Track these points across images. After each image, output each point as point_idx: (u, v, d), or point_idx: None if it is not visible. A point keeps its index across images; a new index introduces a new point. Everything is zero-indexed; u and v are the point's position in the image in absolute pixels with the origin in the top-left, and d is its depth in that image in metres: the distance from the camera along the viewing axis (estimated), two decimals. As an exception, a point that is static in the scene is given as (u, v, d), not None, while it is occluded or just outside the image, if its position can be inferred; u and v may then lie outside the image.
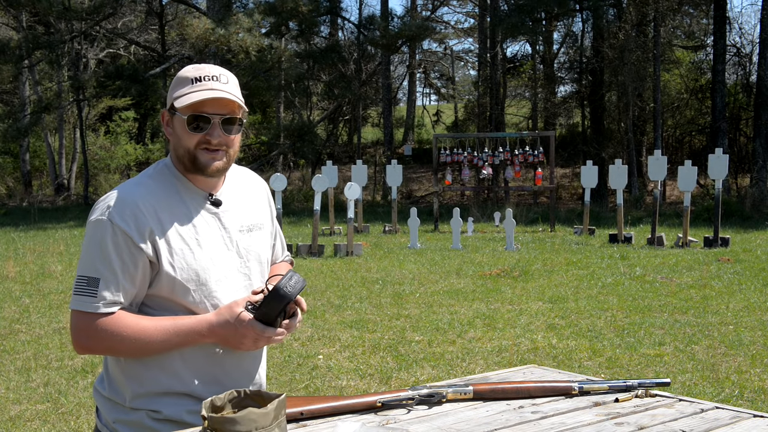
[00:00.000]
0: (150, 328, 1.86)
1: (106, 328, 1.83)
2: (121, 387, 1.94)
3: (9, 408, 4.57)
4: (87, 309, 1.84)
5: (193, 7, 24.96)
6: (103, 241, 1.84)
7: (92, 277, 1.84)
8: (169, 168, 1.99)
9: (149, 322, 1.87)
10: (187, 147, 1.92)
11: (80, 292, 1.85)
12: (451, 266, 10.19)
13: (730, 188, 21.50)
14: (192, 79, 1.92)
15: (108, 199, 1.89)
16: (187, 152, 1.92)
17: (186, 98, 1.89)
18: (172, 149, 1.98)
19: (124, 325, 1.84)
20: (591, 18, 23.92)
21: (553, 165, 16.36)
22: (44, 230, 16.22)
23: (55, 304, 7.84)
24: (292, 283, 1.83)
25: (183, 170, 1.97)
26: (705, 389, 4.68)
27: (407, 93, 36.98)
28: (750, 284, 8.39)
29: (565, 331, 6.35)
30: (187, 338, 1.87)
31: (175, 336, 1.86)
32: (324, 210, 15.04)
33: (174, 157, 1.98)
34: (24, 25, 25.99)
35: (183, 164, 1.95)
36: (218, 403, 1.53)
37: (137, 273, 1.87)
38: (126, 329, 1.84)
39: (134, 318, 1.87)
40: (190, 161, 1.93)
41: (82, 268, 1.86)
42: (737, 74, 25.95)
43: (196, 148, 1.91)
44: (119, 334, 1.84)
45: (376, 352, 5.74)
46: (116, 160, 28.94)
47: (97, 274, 1.83)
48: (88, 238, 1.88)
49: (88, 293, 1.83)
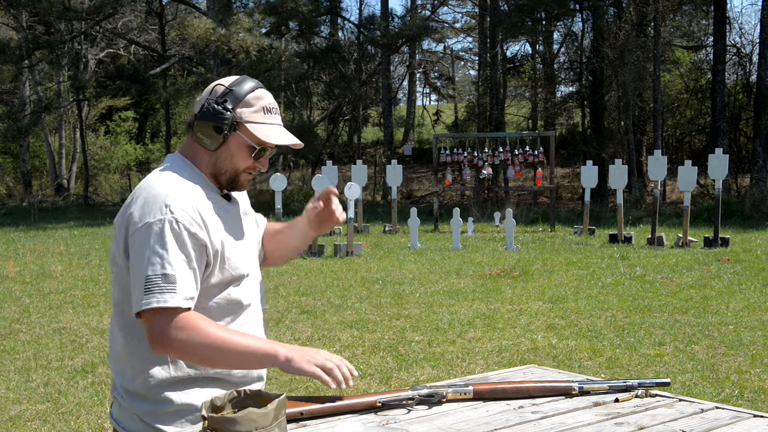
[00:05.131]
0: (230, 335, 1.86)
1: (190, 324, 1.83)
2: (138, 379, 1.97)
3: (9, 408, 4.57)
4: (169, 304, 1.81)
5: (193, 7, 24.95)
6: (171, 240, 1.84)
7: (167, 273, 1.82)
8: (187, 164, 2.01)
9: (227, 330, 1.88)
10: (237, 167, 1.99)
11: (157, 291, 1.81)
12: (451, 266, 10.19)
13: (730, 188, 21.49)
14: (264, 108, 1.98)
15: (159, 198, 1.88)
16: (234, 171, 1.99)
17: (265, 133, 1.96)
18: (206, 154, 2.00)
19: (206, 325, 1.85)
20: (591, 18, 23.92)
21: (553, 165, 16.36)
22: (44, 230, 16.22)
23: (55, 304, 7.84)
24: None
25: (207, 174, 2.01)
26: (705, 389, 4.68)
27: (407, 93, 36.98)
28: (750, 284, 8.39)
29: (565, 331, 6.35)
30: (265, 351, 1.85)
31: (254, 347, 1.86)
32: (324, 210, 15.01)
33: (202, 160, 2.00)
34: (24, 25, 25.98)
35: (216, 175, 2.00)
36: (218, 403, 1.53)
37: (201, 268, 1.90)
38: (208, 329, 1.84)
39: (212, 322, 1.88)
40: (229, 178, 2.00)
41: (151, 268, 1.82)
42: (737, 74, 25.95)
43: (244, 170, 2.00)
44: (203, 332, 1.83)
45: (376, 352, 5.74)
46: (116, 160, 28.95)
47: (172, 271, 1.82)
48: (150, 239, 1.84)
49: (167, 290, 1.81)
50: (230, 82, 1.99)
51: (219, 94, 1.97)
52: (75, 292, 8.50)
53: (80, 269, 10.26)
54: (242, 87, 1.98)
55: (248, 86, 1.98)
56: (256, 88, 2.00)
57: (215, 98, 1.96)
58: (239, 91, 1.97)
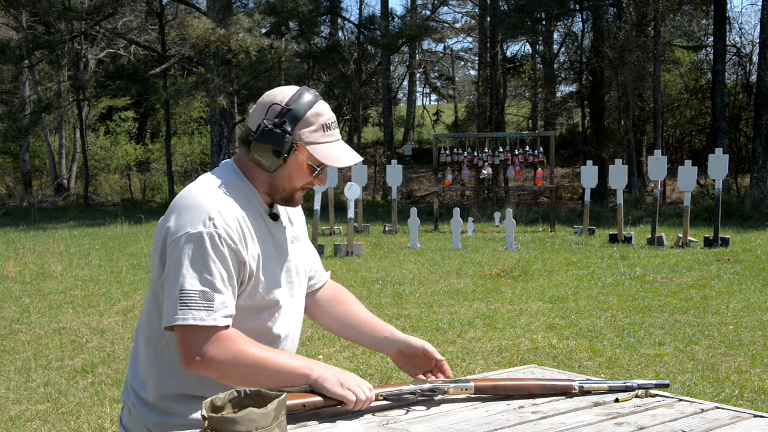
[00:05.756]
0: (264, 353, 1.82)
1: (227, 343, 1.79)
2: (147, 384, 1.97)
3: (9, 408, 4.57)
4: (206, 323, 1.76)
5: (193, 7, 24.95)
6: (212, 254, 1.79)
7: (205, 290, 1.77)
8: (239, 175, 1.95)
9: (261, 347, 1.83)
10: (295, 186, 1.94)
11: (194, 307, 1.76)
12: (451, 266, 10.19)
13: (730, 188, 21.50)
14: (324, 125, 1.91)
15: (203, 209, 1.82)
16: (291, 189, 1.94)
17: (327, 154, 1.90)
18: (260, 172, 1.94)
19: (241, 343, 1.80)
20: (591, 18, 23.92)
21: (553, 165, 16.36)
22: (44, 230, 16.22)
23: (55, 304, 7.84)
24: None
25: (261, 191, 1.95)
26: (705, 389, 4.68)
27: (407, 93, 36.99)
28: (750, 284, 8.39)
29: (565, 331, 6.35)
30: (298, 368, 1.81)
31: (288, 365, 1.81)
32: (324, 210, 15.04)
33: (258, 177, 1.95)
34: (24, 25, 26.00)
35: (270, 193, 1.95)
36: (218, 403, 1.53)
37: (238, 286, 1.85)
38: (243, 347, 1.80)
39: (246, 339, 1.83)
40: (286, 196, 1.95)
41: (189, 282, 1.77)
42: (737, 74, 25.95)
43: (301, 188, 1.95)
44: (238, 351, 1.78)
45: (376, 352, 5.74)
46: (116, 160, 28.96)
47: (211, 287, 1.77)
48: (190, 251, 1.79)
49: (204, 307, 1.76)
50: (288, 99, 1.90)
51: (276, 113, 1.89)
52: (75, 292, 8.50)
53: (80, 269, 10.26)
54: (300, 104, 1.89)
55: (306, 102, 1.90)
56: (315, 103, 1.91)
57: (272, 118, 1.89)
58: (298, 110, 1.89)
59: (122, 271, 10.03)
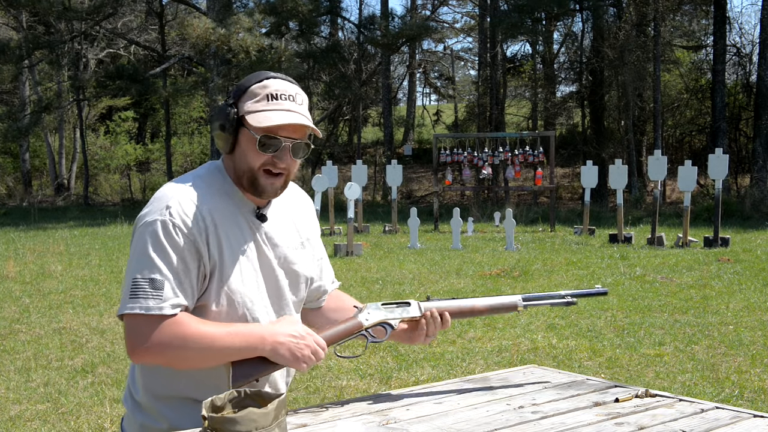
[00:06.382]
0: (212, 331, 1.77)
1: (172, 329, 1.74)
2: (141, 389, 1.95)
3: (9, 408, 4.57)
4: (152, 311, 1.73)
5: (193, 7, 24.96)
6: (163, 242, 1.76)
7: (154, 278, 1.74)
8: (221, 173, 1.92)
9: (210, 326, 1.79)
10: (251, 166, 1.84)
11: (142, 295, 1.74)
12: (451, 266, 10.20)
13: (730, 188, 21.50)
14: (268, 95, 1.83)
15: (163, 199, 1.81)
16: (249, 171, 1.85)
17: (262, 117, 1.81)
18: (230, 159, 1.90)
19: (188, 326, 1.76)
20: (591, 18, 23.93)
21: (553, 165, 16.37)
22: (44, 230, 16.22)
23: (55, 304, 7.84)
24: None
25: (236, 181, 1.90)
26: (705, 389, 4.68)
27: (407, 93, 36.98)
28: (750, 284, 8.39)
29: (565, 331, 6.35)
30: (248, 342, 1.77)
31: (237, 339, 1.76)
32: (324, 210, 15.05)
33: (230, 166, 1.91)
34: (24, 25, 26.00)
35: (239, 180, 1.88)
36: (218, 403, 1.53)
37: (197, 276, 1.81)
38: (190, 330, 1.75)
39: (196, 320, 1.79)
40: (249, 181, 1.86)
41: (140, 270, 1.75)
42: (737, 74, 25.96)
43: (259, 169, 1.85)
44: (184, 335, 1.75)
45: (376, 352, 5.74)
46: (116, 160, 28.96)
47: (160, 276, 1.75)
48: (144, 239, 1.78)
49: (152, 295, 1.73)
50: (244, 80, 1.90)
51: (230, 94, 1.89)
52: (75, 292, 8.50)
53: (80, 269, 10.26)
54: (249, 79, 1.87)
55: (255, 77, 1.87)
56: (267, 78, 1.87)
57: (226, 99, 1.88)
58: (244, 83, 1.87)
59: (122, 271, 10.03)
